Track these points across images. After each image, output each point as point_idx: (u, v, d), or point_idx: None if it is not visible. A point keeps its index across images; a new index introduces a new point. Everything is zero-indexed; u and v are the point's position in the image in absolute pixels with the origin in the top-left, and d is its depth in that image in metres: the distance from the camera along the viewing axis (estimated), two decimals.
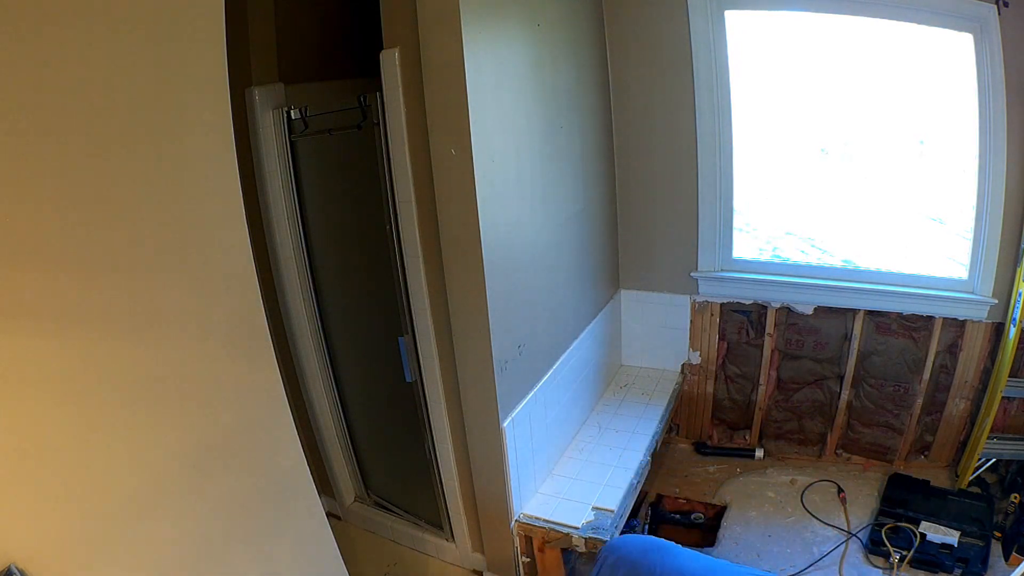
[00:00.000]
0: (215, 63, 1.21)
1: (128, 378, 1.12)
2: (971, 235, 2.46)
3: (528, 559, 2.30)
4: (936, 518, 2.41)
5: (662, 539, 1.74)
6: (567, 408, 2.57)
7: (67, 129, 0.99)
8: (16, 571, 0.95)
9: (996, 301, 2.45)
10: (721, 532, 2.54)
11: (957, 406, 2.67)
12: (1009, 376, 2.38)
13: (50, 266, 0.99)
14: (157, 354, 1.17)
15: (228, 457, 1.34)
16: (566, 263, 2.47)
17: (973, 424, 2.64)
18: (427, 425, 2.28)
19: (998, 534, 2.34)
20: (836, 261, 2.76)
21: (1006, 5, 2.10)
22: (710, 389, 3.05)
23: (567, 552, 2.26)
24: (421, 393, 2.24)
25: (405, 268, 2.07)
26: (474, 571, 2.46)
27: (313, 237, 2.36)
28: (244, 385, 1.37)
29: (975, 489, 2.57)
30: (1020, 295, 2.31)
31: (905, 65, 2.39)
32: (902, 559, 2.28)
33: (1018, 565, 2.08)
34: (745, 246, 2.86)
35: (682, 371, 3.09)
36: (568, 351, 2.51)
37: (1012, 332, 2.34)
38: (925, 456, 2.81)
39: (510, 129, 1.98)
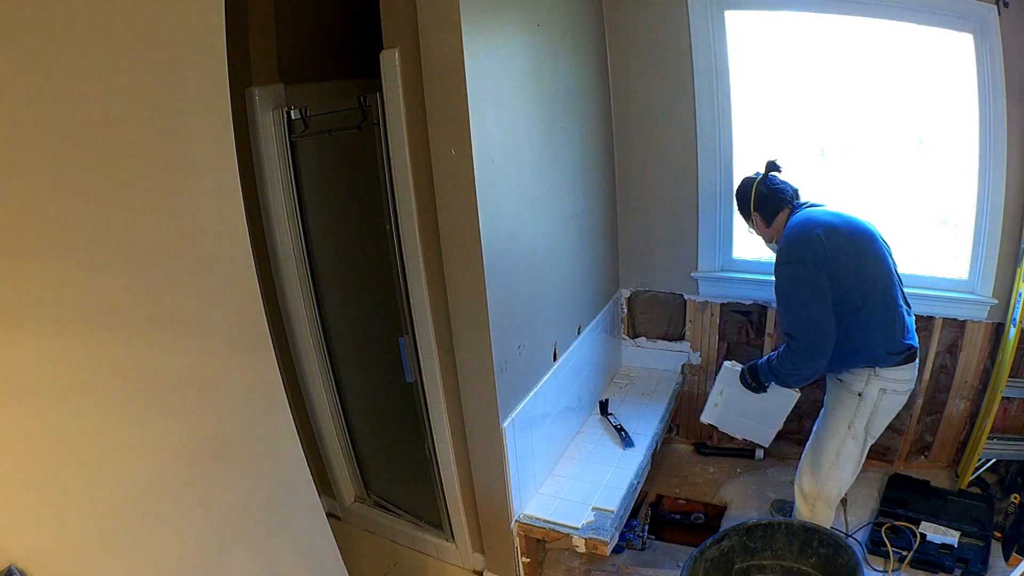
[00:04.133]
0: (215, 63, 1.22)
1: (128, 378, 1.12)
2: (971, 235, 2.47)
3: (528, 559, 2.30)
4: (936, 518, 2.41)
5: None
6: (567, 408, 2.57)
7: (67, 129, 0.99)
8: (16, 571, 0.95)
9: (996, 301, 2.45)
10: None
11: (957, 406, 2.67)
12: (1009, 376, 2.38)
13: (50, 266, 0.99)
14: (157, 354, 1.17)
15: (228, 457, 1.34)
16: (566, 263, 2.47)
17: (973, 424, 2.64)
18: (427, 425, 2.28)
19: (998, 534, 2.34)
20: None
21: (1006, 5, 2.10)
22: (710, 389, 3.04)
23: None
24: (421, 393, 2.24)
25: (405, 268, 2.07)
26: (474, 571, 2.46)
27: (313, 237, 2.36)
28: (244, 385, 1.37)
29: (975, 489, 2.57)
30: (1020, 295, 2.31)
31: (905, 65, 2.39)
32: (902, 559, 2.28)
33: (1018, 565, 2.08)
34: (745, 246, 2.85)
35: (682, 371, 3.09)
36: (568, 351, 2.51)
37: (1012, 332, 2.34)
38: (925, 456, 2.81)
39: (510, 129, 1.98)
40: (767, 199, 2.11)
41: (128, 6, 1.05)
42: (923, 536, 2.34)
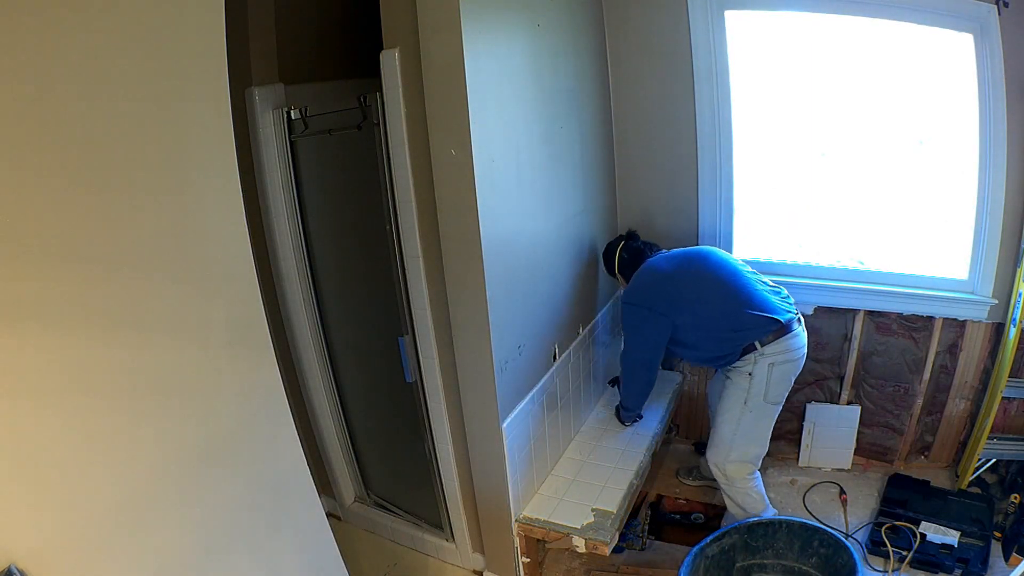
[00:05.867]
0: (215, 63, 1.22)
1: (128, 378, 1.12)
2: (971, 235, 2.47)
3: (528, 559, 2.30)
4: (936, 518, 2.41)
5: None
6: (567, 408, 2.56)
7: (66, 130, 0.99)
8: (16, 571, 0.95)
9: (996, 301, 2.45)
10: None
11: (957, 406, 2.67)
12: (1009, 376, 2.38)
13: (49, 266, 0.99)
14: (157, 354, 1.17)
15: (228, 457, 1.34)
16: (566, 263, 2.47)
17: (973, 424, 2.64)
18: (427, 425, 2.28)
19: (998, 534, 2.34)
20: (836, 261, 2.76)
21: (1006, 5, 2.10)
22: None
23: None
24: (421, 393, 2.24)
25: (405, 268, 2.07)
26: (474, 571, 2.46)
27: (313, 237, 2.36)
28: (244, 385, 1.37)
29: (975, 489, 2.57)
30: (1020, 295, 2.31)
31: (905, 65, 2.39)
32: (902, 559, 2.28)
33: (1018, 565, 2.08)
34: (745, 247, 2.86)
35: (682, 371, 3.09)
36: (568, 351, 2.51)
37: (1012, 332, 2.34)
38: (925, 456, 2.81)
39: (510, 129, 1.98)
40: (628, 262, 2.47)
41: (128, 6, 1.05)
42: (923, 536, 2.34)
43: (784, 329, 2.16)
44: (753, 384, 2.19)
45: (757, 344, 2.16)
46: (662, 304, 2.25)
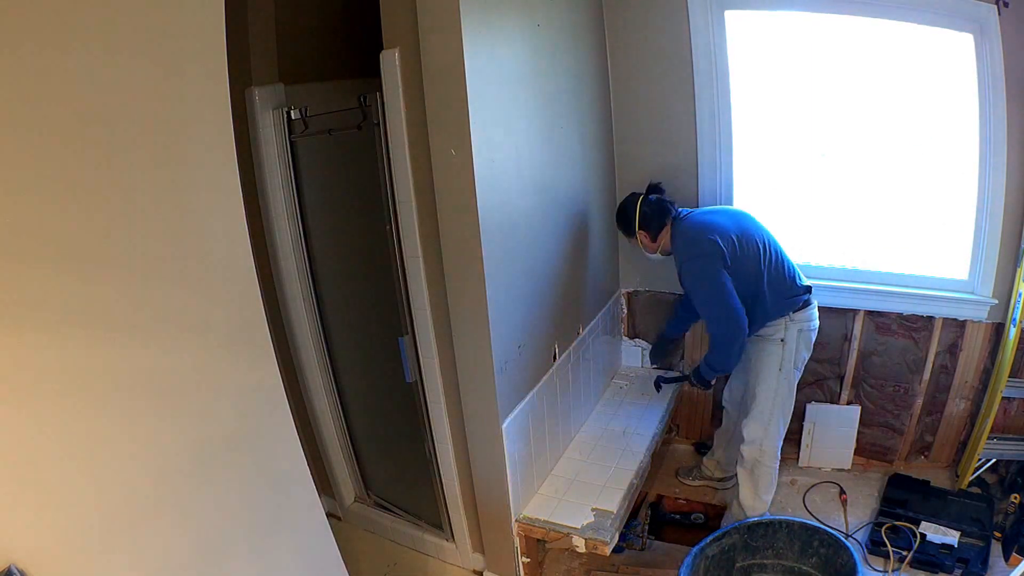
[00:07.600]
0: (215, 63, 1.22)
1: (128, 378, 1.12)
2: (971, 235, 2.47)
3: (528, 559, 2.30)
4: (936, 518, 2.41)
5: None
6: (567, 408, 2.57)
7: (67, 130, 0.99)
8: (16, 571, 0.95)
9: (996, 301, 2.45)
10: None
11: (957, 406, 2.67)
12: (1009, 376, 2.38)
13: (50, 266, 0.99)
14: (157, 354, 1.17)
15: (228, 457, 1.34)
16: (566, 263, 2.47)
17: (973, 424, 2.64)
18: (427, 425, 2.28)
19: (998, 534, 2.34)
20: (836, 261, 2.76)
21: (1006, 5, 2.10)
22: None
23: None
24: (421, 393, 2.24)
25: (405, 268, 2.07)
26: (474, 571, 2.46)
27: (313, 237, 2.36)
28: (244, 385, 1.37)
29: (975, 489, 2.57)
30: (1020, 295, 2.31)
31: (905, 65, 2.39)
32: (902, 559, 2.28)
33: (1018, 565, 2.08)
34: None
35: (682, 371, 3.09)
36: (568, 351, 2.51)
37: (1012, 332, 2.34)
38: (925, 456, 2.81)
39: (510, 129, 1.98)
40: (651, 217, 2.32)
41: (128, 6, 1.05)
42: (923, 536, 2.34)
43: (810, 298, 2.28)
44: (786, 350, 2.25)
45: (790, 311, 2.23)
46: (728, 258, 2.17)
